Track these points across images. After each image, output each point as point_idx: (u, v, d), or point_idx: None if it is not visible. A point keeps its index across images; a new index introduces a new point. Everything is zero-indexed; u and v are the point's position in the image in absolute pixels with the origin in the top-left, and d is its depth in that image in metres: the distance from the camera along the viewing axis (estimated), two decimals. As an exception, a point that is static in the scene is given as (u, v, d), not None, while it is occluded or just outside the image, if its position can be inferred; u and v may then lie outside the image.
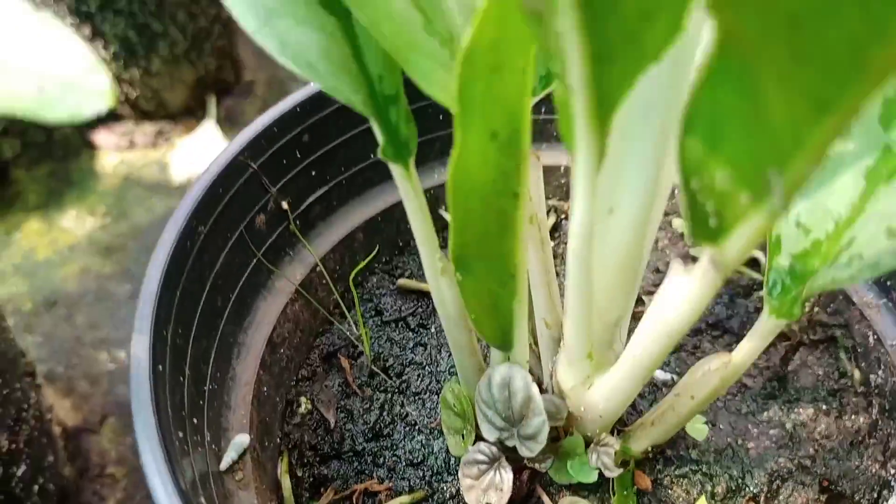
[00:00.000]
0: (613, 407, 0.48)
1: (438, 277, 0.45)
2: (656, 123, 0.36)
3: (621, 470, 0.51)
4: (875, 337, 0.55)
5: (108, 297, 1.05)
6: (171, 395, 0.40)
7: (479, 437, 0.55)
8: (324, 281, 0.60)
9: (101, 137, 1.19)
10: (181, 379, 0.43)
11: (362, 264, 0.59)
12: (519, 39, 0.30)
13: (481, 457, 0.52)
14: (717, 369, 0.43)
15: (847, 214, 0.37)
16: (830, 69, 0.20)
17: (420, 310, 0.68)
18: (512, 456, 0.54)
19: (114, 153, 1.18)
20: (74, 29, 1.05)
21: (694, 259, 0.35)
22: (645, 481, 0.55)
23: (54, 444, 0.80)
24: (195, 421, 0.43)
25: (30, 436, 0.70)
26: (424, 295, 0.70)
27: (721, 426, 0.58)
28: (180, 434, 0.40)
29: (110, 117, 1.20)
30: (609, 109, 0.28)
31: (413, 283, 0.69)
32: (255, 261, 0.54)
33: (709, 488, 0.53)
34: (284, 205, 0.55)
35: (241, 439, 0.48)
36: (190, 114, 1.21)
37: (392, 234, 0.68)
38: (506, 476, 0.51)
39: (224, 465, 0.46)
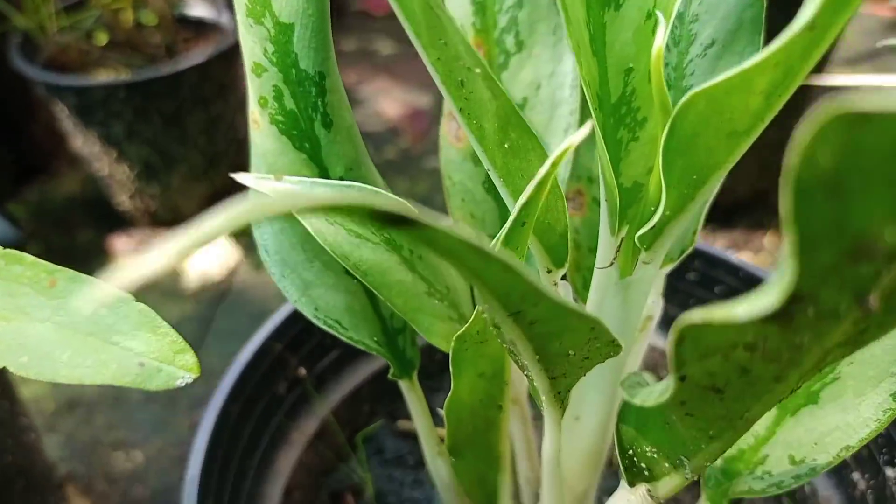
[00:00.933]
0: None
1: (436, 458, 0.53)
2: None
3: None
4: (811, 488, 0.64)
5: (125, 400, 1.13)
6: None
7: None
8: (334, 429, 0.69)
9: (120, 243, 1.28)
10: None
11: (370, 428, 0.68)
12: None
13: None
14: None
15: (763, 433, 0.46)
16: (711, 431, 0.29)
17: (417, 449, 0.76)
18: None
19: (131, 258, 1.27)
20: (102, 153, 1.15)
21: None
22: None
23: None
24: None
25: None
26: (421, 436, 0.79)
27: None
28: None
29: (129, 224, 1.29)
30: (563, 395, 0.37)
31: (411, 426, 0.77)
32: (277, 422, 0.63)
33: None
34: (302, 371, 0.64)
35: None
36: (204, 222, 1.30)
37: (393, 383, 0.76)
38: None
39: None
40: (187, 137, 1.15)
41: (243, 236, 1.28)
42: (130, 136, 1.12)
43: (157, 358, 0.38)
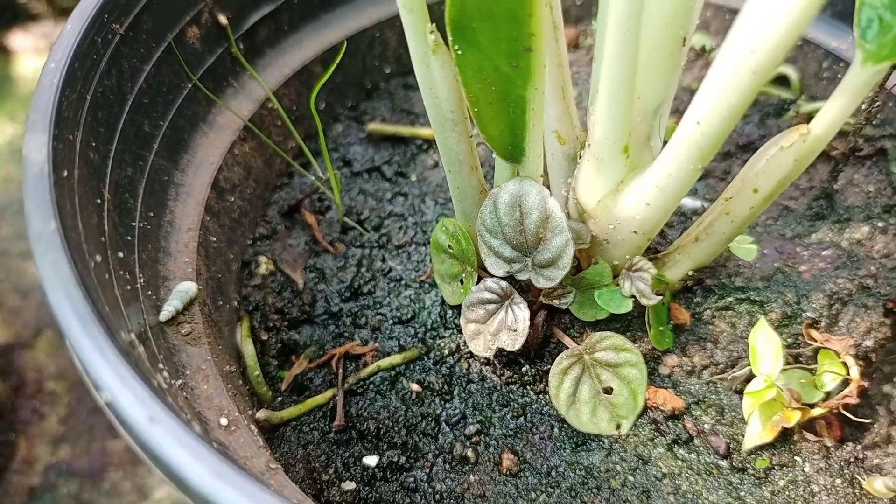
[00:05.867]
0: (655, 215, 0.39)
1: (429, 59, 0.35)
2: None
3: (659, 298, 0.43)
4: (937, 140, 0.47)
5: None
6: (82, 209, 0.30)
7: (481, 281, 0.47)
8: (278, 122, 0.50)
9: (18, 41, 1.07)
10: (98, 200, 0.33)
11: (323, 78, 0.48)
12: None
13: (489, 295, 0.43)
14: (790, 146, 0.34)
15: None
16: None
17: (397, 157, 0.59)
18: (524, 297, 0.45)
19: (32, 56, 1.06)
20: None
21: None
22: (683, 315, 0.46)
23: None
24: (121, 254, 0.33)
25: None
26: (402, 141, 0.61)
27: (765, 251, 0.49)
28: (97, 258, 0.30)
29: (27, 18, 1.08)
30: None
31: (387, 128, 0.59)
32: (190, 86, 0.44)
33: (760, 318, 0.45)
34: (223, 19, 0.45)
35: (187, 286, 0.38)
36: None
37: (357, 71, 0.57)
38: (520, 313, 0.42)
39: (165, 315, 0.36)
40: None
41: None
42: None
43: None
